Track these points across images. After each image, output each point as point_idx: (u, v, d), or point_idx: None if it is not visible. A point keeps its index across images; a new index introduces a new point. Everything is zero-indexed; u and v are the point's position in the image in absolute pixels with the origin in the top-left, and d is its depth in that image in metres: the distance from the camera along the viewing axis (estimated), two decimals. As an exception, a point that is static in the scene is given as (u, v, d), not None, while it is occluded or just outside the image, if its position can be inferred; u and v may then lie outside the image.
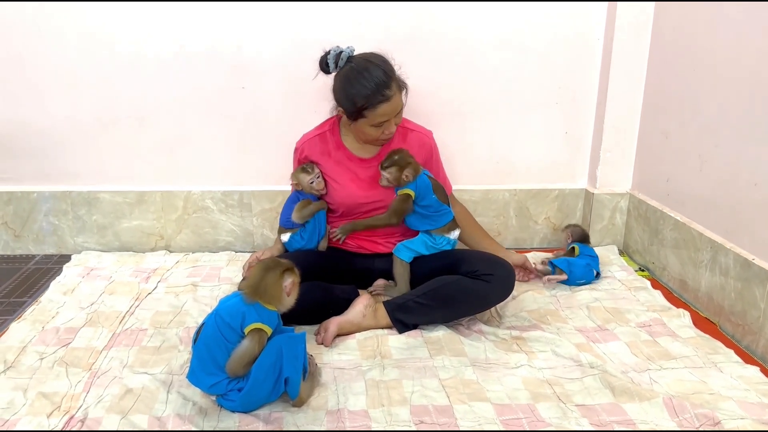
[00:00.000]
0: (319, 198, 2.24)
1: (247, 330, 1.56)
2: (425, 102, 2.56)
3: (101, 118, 2.66)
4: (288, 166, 2.43)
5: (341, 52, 2.03)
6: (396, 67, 2.05)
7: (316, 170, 2.19)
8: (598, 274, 2.44)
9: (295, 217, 2.20)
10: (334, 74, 2.09)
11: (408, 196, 2.10)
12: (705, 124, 2.24)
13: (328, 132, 2.23)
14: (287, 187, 2.75)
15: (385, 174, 2.08)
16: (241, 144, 2.73)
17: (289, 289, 1.62)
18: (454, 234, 2.18)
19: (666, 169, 2.51)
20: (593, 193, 2.78)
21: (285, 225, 2.26)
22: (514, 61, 2.67)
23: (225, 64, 2.61)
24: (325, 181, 2.21)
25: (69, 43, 2.55)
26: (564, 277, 2.37)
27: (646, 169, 2.67)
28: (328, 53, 2.05)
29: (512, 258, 2.33)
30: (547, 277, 2.39)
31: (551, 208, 2.87)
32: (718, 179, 2.18)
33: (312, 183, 2.19)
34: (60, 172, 2.73)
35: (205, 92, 2.65)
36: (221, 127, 2.70)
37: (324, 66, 2.07)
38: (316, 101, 2.63)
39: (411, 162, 2.08)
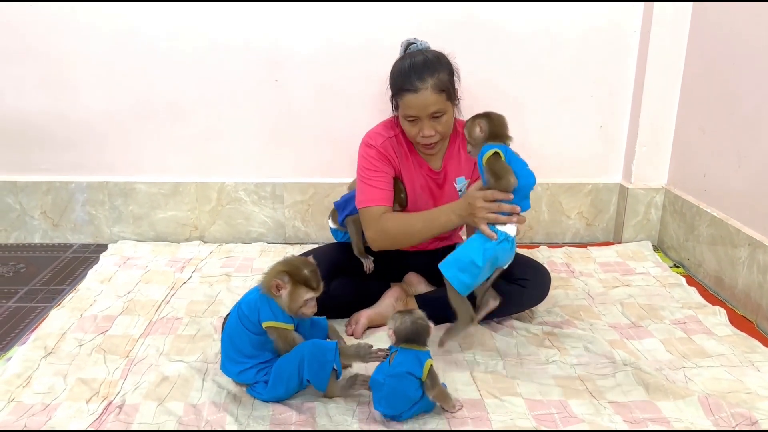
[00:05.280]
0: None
1: (264, 326, 1.60)
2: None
3: (137, 110, 2.70)
4: (321, 159, 2.45)
5: (413, 43, 1.95)
6: (456, 79, 1.92)
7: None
8: None
9: (333, 221, 2.18)
10: None
11: (497, 154, 1.69)
12: (744, 119, 2.20)
13: (401, 134, 2.01)
14: (319, 180, 2.79)
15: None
16: (273, 136, 2.75)
17: (276, 287, 1.59)
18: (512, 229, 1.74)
19: (703, 164, 2.46)
20: (628, 188, 2.74)
21: (337, 206, 2.18)
22: (549, 52, 2.65)
23: (259, 58, 2.63)
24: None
25: (106, 37, 2.60)
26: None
27: (683, 164, 2.63)
28: (404, 41, 1.98)
29: None
30: None
31: (584, 202, 2.84)
32: (757, 175, 2.13)
33: None
34: (97, 163, 2.78)
35: (239, 85, 2.67)
36: (255, 120, 2.73)
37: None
38: (349, 95, 2.65)
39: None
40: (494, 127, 1.75)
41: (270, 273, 1.62)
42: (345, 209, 2.13)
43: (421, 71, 1.84)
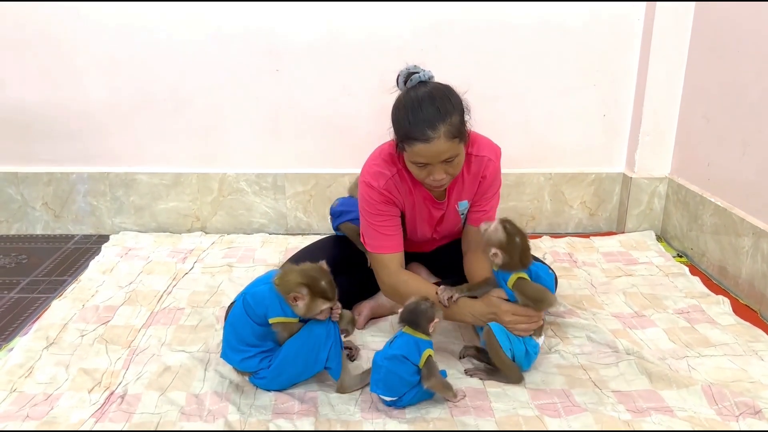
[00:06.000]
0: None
1: (271, 321, 1.59)
2: (460, 83, 2.53)
3: (138, 101, 2.69)
4: (322, 149, 2.43)
5: (415, 73, 1.72)
6: (467, 116, 1.74)
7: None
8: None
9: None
10: None
11: (524, 280, 1.67)
12: (749, 108, 2.18)
13: (403, 169, 1.83)
14: (320, 170, 2.77)
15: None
16: (274, 127, 2.74)
17: (293, 297, 1.56)
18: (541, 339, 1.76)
19: (707, 153, 2.45)
20: (631, 178, 2.73)
21: (333, 213, 2.16)
22: (552, 41, 2.62)
23: (260, 48, 2.62)
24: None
25: (107, 27, 2.58)
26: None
27: (686, 154, 2.62)
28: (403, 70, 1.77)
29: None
30: None
31: (587, 192, 2.83)
32: (762, 164, 2.12)
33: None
34: (98, 154, 2.77)
35: (240, 75, 2.66)
36: (256, 110, 2.71)
37: (397, 81, 1.81)
38: (350, 84, 2.64)
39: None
40: (512, 259, 1.65)
41: (288, 282, 1.57)
42: (340, 218, 2.11)
43: (432, 119, 1.63)
